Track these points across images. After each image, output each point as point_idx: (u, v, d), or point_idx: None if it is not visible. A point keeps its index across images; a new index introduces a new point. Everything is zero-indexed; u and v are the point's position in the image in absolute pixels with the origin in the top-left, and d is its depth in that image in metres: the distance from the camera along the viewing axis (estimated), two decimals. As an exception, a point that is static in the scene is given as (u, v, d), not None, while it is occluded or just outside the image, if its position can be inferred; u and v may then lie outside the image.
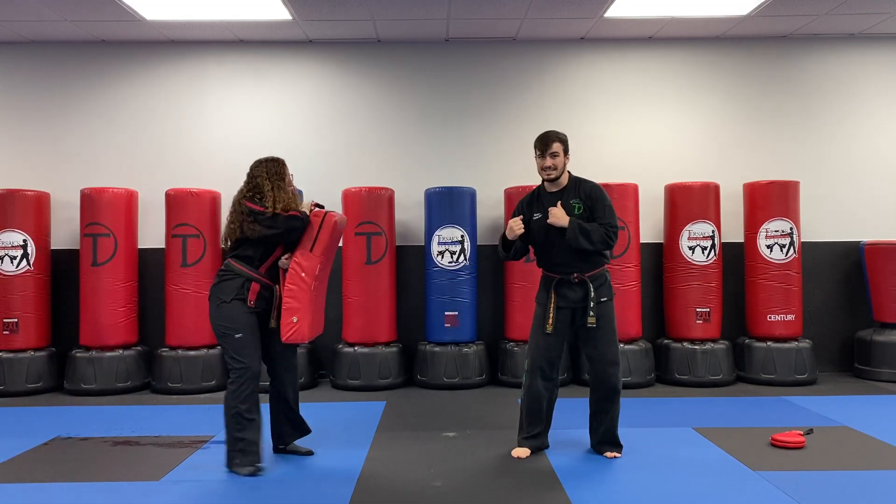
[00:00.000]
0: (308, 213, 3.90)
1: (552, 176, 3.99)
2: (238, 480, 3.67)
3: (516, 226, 3.98)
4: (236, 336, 3.71)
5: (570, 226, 3.86)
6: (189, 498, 3.45)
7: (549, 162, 3.95)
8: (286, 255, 3.87)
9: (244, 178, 3.96)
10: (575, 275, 3.92)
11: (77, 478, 3.76)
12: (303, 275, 3.80)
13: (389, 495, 3.45)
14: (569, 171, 4.06)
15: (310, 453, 4.08)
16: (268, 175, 3.89)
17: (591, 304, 3.87)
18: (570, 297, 3.94)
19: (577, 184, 4.02)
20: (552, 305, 3.93)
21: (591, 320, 3.87)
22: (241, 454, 3.71)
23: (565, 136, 4.03)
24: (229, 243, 3.86)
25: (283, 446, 4.08)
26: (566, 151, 3.99)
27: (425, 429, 4.70)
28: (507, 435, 4.33)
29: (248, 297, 3.74)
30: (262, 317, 3.84)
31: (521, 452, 4.03)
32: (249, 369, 3.70)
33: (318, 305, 3.95)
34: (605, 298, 3.94)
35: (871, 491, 3.44)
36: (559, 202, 3.96)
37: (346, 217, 6.10)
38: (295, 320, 3.76)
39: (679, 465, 3.86)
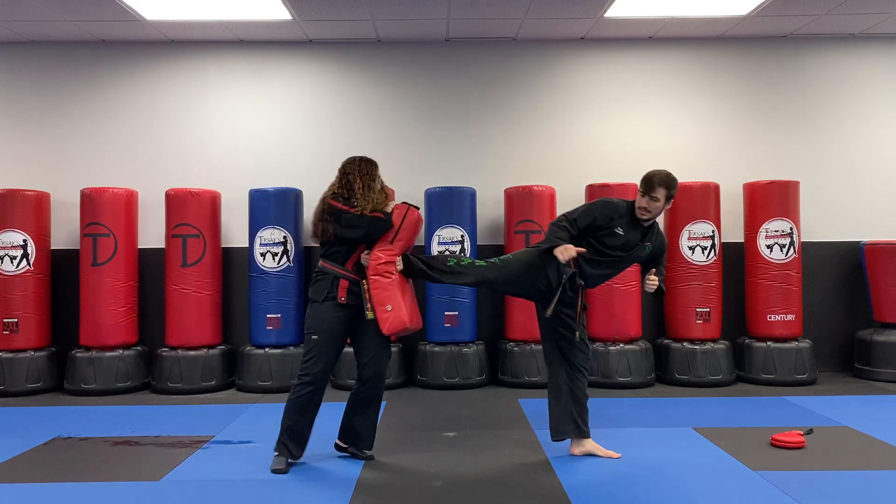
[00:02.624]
0: (391, 213, 3.89)
1: (644, 217, 3.89)
2: (238, 480, 3.67)
3: (568, 253, 3.73)
4: (312, 337, 3.79)
5: (658, 291, 4.01)
6: (189, 498, 3.45)
7: (644, 203, 3.84)
8: (366, 252, 3.86)
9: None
10: (580, 283, 3.92)
11: (77, 478, 3.76)
12: (384, 262, 3.80)
13: (389, 495, 3.44)
14: None
15: (370, 458, 4.01)
16: (359, 174, 3.95)
17: (581, 309, 3.95)
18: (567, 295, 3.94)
19: (654, 229, 4.02)
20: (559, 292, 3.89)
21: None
22: (281, 444, 3.80)
23: (675, 183, 3.85)
24: (320, 243, 3.91)
25: (345, 445, 4.03)
26: (668, 199, 3.85)
27: (425, 429, 4.70)
28: (508, 435, 4.33)
29: (339, 294, 3.78)
30: (357, 311, 3.84)
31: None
32: (308, 376, 3.77)
33: (409, 294, 3.92)
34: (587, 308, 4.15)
35: (871, 491, 3.44)
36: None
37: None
38: (389, 308, 3.76)
39: (679, 465, 3.85)
